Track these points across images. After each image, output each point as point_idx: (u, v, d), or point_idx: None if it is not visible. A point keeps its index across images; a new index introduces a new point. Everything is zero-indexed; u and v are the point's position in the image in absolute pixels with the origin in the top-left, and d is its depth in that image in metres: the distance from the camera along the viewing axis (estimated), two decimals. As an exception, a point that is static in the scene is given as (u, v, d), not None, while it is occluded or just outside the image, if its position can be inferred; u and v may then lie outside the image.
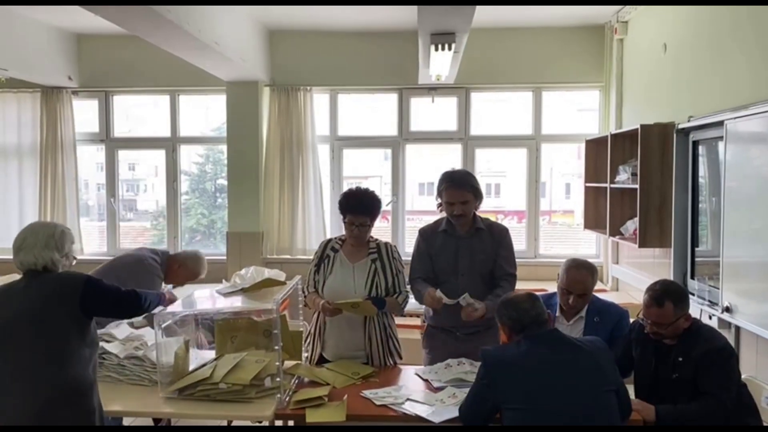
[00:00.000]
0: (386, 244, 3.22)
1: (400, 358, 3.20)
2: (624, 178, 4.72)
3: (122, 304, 2.52)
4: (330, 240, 3.28)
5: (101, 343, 2.73)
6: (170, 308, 2.95)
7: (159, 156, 6.57)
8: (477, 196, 3.14)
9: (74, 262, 2.56)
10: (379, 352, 3.11)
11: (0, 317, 2.31)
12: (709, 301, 3.74)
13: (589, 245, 6.25)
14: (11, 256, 2.39)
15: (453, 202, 3.09)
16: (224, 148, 6.26)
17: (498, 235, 3.18)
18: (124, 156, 6.66)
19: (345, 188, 6.17)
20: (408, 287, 3.21)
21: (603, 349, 2.38)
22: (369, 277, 3.10)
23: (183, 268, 3.92)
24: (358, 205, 3.08)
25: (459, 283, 3.07)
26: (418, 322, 4.72)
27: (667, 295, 2.54)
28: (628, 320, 2.97)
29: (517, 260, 3.26)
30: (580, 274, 2.92)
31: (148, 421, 3.73)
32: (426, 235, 3.24)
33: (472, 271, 3.11)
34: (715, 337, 2.59)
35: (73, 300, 2.30)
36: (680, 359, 2.53)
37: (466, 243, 3.13)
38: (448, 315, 3.09)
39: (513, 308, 2.40)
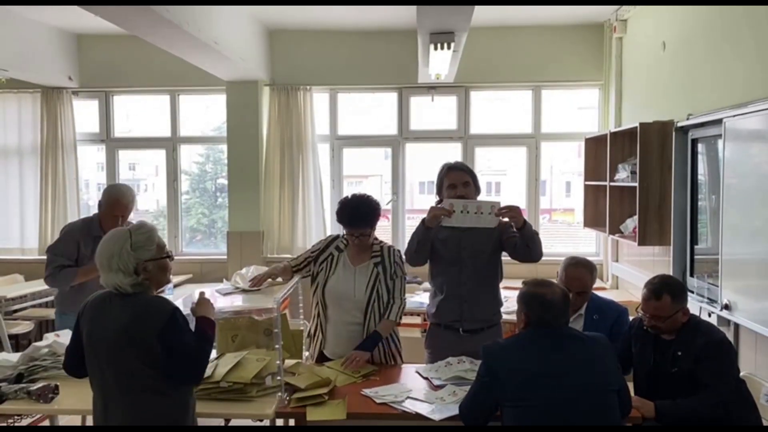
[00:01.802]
0: (390, 248, 3.20)
1: (401, 360, 3.20)
2: (623, 176, 4.73)
3: (193, 360, 2.16)
4: (336, 237, 3.26)
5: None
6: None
7: (159, 156, 6.58)
8: (475, 181, 3.18)
9: (171, 264, 2.27)
10: (380, 354, 3.11)
11: (93, 332, 2.17)
12: (709, 298, 3.75)
13: (589, 243, 6.27)
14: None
15: (455, 184, 3.13)
16: (224, 147, 6.28)
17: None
18: (124, 156, 6.68)
19: (345, 187, 6.23)
20: (405, 295, 3.20)
21: (607, 347, 2.34)
22: (370, 282, 3.09)
23: (102, 207, 3.80)
24: (355, 218, 3.06)
25: (462, 274, 3.09)
26: (418, 320, 4.72)
27: (666, 289, 2.56)
28: (627, 318, 2.98)
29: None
30: (578, 272, 2.94)
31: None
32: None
33: (475, 261, 3.11)
34: (714, 331, 2.60)
35: (153, 330, 2.10)
36: (679, 353, 2.54)
37: (469, 234, 3.13)
38: (450, 308, 3.11)
39: (547, 307, 2.28)
